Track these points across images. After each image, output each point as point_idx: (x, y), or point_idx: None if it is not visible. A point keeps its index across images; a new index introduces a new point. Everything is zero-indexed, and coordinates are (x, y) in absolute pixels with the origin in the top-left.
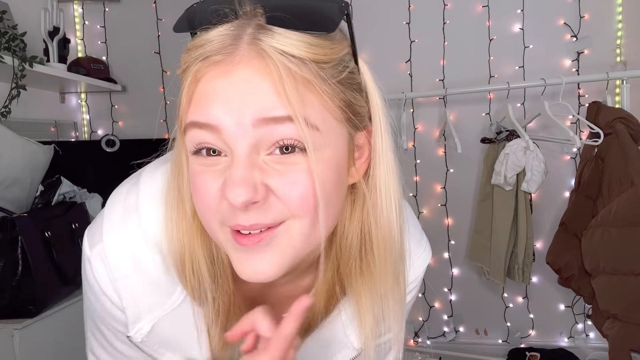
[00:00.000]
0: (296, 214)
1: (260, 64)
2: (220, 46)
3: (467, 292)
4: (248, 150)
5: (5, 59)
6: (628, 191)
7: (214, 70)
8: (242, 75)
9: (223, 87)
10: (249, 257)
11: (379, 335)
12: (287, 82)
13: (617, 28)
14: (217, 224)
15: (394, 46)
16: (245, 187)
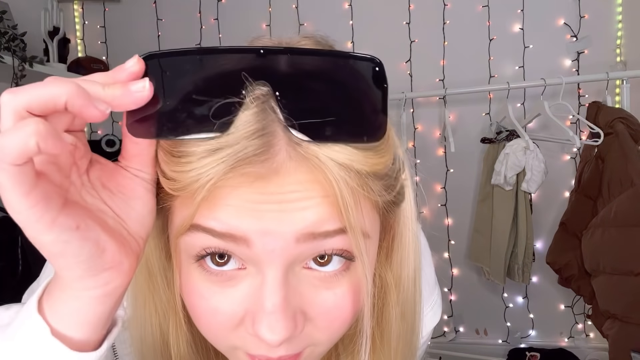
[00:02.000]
0: (326, 341)
1: (306, 170)
2: (252, 151)
3: (467, 292)
4: (285, 270)
5: (5, 59)
6: (628, 191)
7: (242, 178)
8: (282, 184)
9: (256, 199)
10: None
11: None
12: (344, 191)
13: (617, 28)
14: (229, 347)
15: (394, 46)
16: (285, 322)
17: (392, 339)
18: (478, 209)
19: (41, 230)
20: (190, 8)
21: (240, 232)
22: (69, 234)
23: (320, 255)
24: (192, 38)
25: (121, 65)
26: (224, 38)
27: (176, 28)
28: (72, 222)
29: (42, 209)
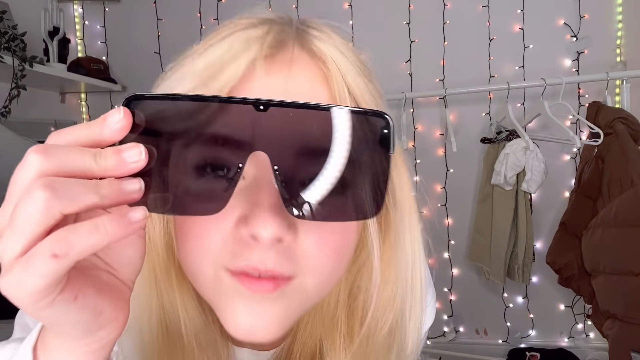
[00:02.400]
0: (317, 274)
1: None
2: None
3: (467, 292)
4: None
5: (5, 59)
6: (628, 191)
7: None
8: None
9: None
10: (251, 310)
11: None
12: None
13: (617, 28)
14: (213, 268)
15: (394, 46)
16: (279, 218)
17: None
18: (478, 209)
19: (39, 309)
20: (190, 8)
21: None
22: (66, 306)
23: None
24: (192, 38)
25: (103, 116)
26: None
27: (176, 28)
28: (71, 294)
29: (46, 294)
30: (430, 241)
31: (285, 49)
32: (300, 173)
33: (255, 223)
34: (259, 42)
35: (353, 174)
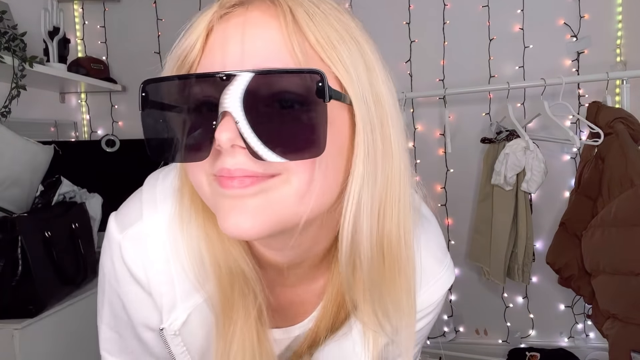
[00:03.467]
0: (293, 167)
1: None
2: None
3: (467, 292)
4: None
5: (5, 59)
6: (628, 191)
7: None
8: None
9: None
10: (234, 206)
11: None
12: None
13: (617, 28)
14: (205, 176)
15: (394, 46)
16: (233, 128)
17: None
18: (478, 209)
19: None
20: (190, 8)
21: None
22: None
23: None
24: None
25: None
26: None
27: (176, 28)
28: None
29: None
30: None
31: (241, 6)
32: (257, 121)
33: (217, 135)
34: (214, 8)
35: (292, 119)
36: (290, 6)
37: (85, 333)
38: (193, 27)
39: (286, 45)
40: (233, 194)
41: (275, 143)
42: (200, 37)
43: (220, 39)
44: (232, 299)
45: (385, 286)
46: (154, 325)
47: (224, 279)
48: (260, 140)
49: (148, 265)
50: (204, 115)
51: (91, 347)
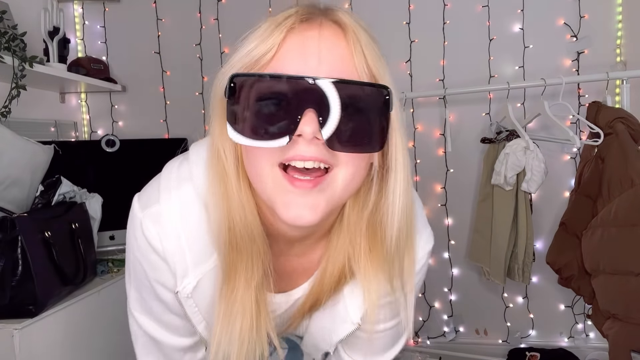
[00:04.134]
0: (346, 160)
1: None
2: None
3: (467, 292)
4: None
5: (5, 59)
6: (628, 191)
7: None
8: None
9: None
10: (297, 201)
11: (385, 296)
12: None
13: (617, 28)
14: (270, 165)
15: (394, 46)
16: (316, 126)
17: (389, 225)
18: (478, 209)
19: None
20: (190, 8)
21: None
22: None
23: None
24: (192, 38)
25: None
26: (224, 38)
27: (176, 28)
28: None
29: None
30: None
31: (314, 19)
32: (343, 124)
33: (302, 127)
34: (296, 17)
35: (362, 122)
36: (355, 31)
37: (85, 333)
38: (268, 34)
39: (352, 61)
40: (299, 192)
41: (347, 139)
42: (277, 44)
43: (299, 48)
44: (237, 267)
45: (402, 250)
46: (171, 287)
47: (234, 248)
48: (336, 135)
49: (163, 238)
50: (288, 109)
51: (91, 347)
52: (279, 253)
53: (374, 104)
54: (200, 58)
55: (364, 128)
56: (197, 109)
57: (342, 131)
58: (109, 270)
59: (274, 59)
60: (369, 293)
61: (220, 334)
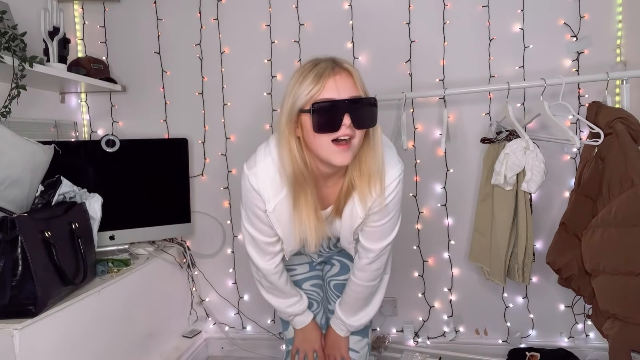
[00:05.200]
0: (357, 133)
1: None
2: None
3: (467, 292)
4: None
5: (5, 59)
6: (628, 191)
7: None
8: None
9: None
10: (342, 155)
11: (372, 201)
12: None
13: (617, 28)
14: (327, 142)
15: (394, 46)
16: (350, 122)
17: (370, 166)
18: (478, 209)
19: None
20: (190, 8)
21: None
22: None
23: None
24: (192, 38)
25: None
26: (224, 38)
27: (176, 28)
28: None
29: None
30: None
31: (336, 69)
32: (358, 117)
33: (345, 122)
34: (326, 70)
35: (372, 115)
36: (353, 73)
37: (85, 333)
38: (316, 80)
39: (356, 87)
40: (341, 149)
41: (363, 124)
42: (320, 85)
43: (332, 86)
44: (299, 195)
45: (373, 172)
46: (262, 208)
47: (296, 185)
48: (359, 123)
49: (258, 183)
50: (335, 115)
51: (91, 347)
52: (319, 186)
53: (369, 105)
54: (200, 58)
55: (368, 117)
56: (197, 109)
57: (358, 120)
58: (109, 270)
59: (321, 93)
60: (364, 200)
61: (298, 230)
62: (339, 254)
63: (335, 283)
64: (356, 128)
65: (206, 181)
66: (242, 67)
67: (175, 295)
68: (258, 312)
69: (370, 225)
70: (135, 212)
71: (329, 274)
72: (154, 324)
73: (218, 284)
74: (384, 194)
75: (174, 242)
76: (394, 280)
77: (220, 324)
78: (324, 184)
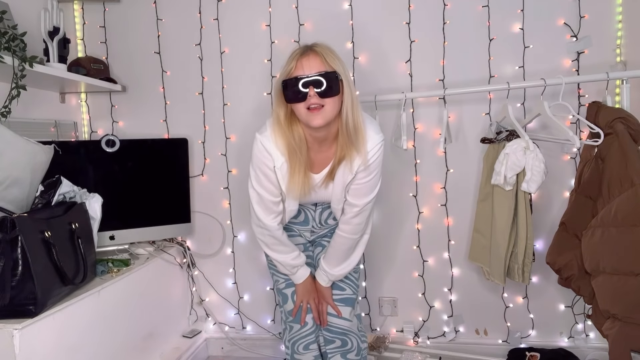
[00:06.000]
0: (329, 101)
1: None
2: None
3: (467, 292)
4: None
5: (5, 59)
6: (628, 191)
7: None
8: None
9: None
10: (315, 117)
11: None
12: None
13: (617, 28)
14: (304, 109)
15: (394, 46)
16: (313, 90)
17: (354, 130)
18: (478, 209)
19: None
20: (190, 8)
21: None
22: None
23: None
24: (192, 38)
25: None
26: (224, 38)
27: (176, 28)
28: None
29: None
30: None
31: (305, 52)
32: (325, 88)
33: (310, 93)
34: (297, 53)
35: (334, 86)
36: (321, 52)
37: (85, 333)
38: (291, 60)
39: (323, 65)
40: (314, 114)
41: (327, 93)
42: (291, 65)
43: (300, 66)
44: (295, 160)
45: (357, 137)
46: (271, 166)
47: (292, 151)
48: (323, 93)
49: (270, 145)
50: (300, 89)
51: (91, 347)
52: (315, 152)
53: (332, 79)
54: (200, 58)
55: (330, 88)
56: (197, 109)
57: (322, 91)
58: (109, 270)
59: (295, 70)
60: (352, 162)
61: (290, 187)
62: (328, 233)
63: None
64: (321, 97)
65: (206, 181)
66: (242, 67)
67: (175, 295)
68: (258, 312)
69: (356, 183)
70: (135, 212)
71: (320, 255)
72: (154, 324)
73: (218, 284)
74: (367, 156)
75: (174, 242)
76: (394, 280)
77: (220, 324)
78: (318, 149)
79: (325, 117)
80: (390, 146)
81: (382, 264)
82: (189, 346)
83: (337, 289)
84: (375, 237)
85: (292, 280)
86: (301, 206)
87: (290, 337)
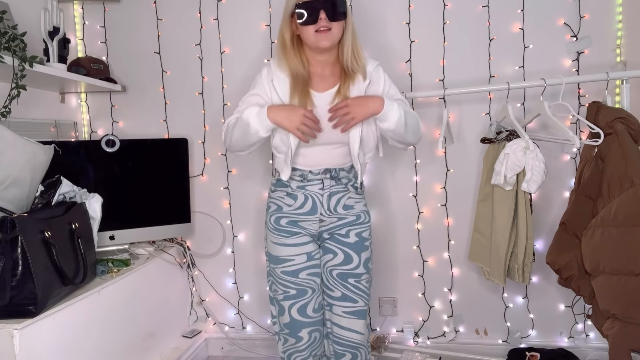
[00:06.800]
0: (336, 25)
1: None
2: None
3: (467, 292)
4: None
5: (5, 59)
6: (628, 191)
7: None
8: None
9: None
10: (323, 38)
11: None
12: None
13: (617, 28)
14: (312, 30)
15: (394, 46)
16: (323, 14)
17: (356, 56)
18: (478, 209)
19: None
20: (190, 8)
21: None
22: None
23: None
24: (192, 38)
25: None
26: (224, 38)
27: (176, 28)
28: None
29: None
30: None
31: None
32: (333, 11)
33: (321, 16)
34: None
35: (341, 11)
36: None
37: (85, 333)
38: None
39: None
40: (323, 35)
41: (336, 17)
42: None
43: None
44: (297, 78)
45: (356, 53)
46: (270, 78)
47: (295, 68)
48: (333, 17)
49: (273, 66)
50: (313, 12)
51: (91, 347)
52: (317, 76)
53: (341, 4)
54: (200, 58)
55: (339, 12)
56: (197, 109)
57: (332, 14)
58: (109, 270)
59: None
60: (356, 75)
61: (292, 101)
62: (337, 230)
63: (339, 272)
64: (330, 20)
65: (206, 181)
66: (242, 67)
67: (175, 295)
68: (258, 312)
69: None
70: (135, 212)
71: (332, 263)
72: (154, 324)
73: (218, 284)
74: (369, 74)
75: (174, 242)
76: (394, 280)
77: (220, 324)
78: (321, 73)
79: (332, 39)
80: (390, 146)
81: (382, 263)
82: (189, 346)
83: (350, 301)
84: (375, 237)
85: (264, 110)
86: (306, 192)
87: (285, 350)
